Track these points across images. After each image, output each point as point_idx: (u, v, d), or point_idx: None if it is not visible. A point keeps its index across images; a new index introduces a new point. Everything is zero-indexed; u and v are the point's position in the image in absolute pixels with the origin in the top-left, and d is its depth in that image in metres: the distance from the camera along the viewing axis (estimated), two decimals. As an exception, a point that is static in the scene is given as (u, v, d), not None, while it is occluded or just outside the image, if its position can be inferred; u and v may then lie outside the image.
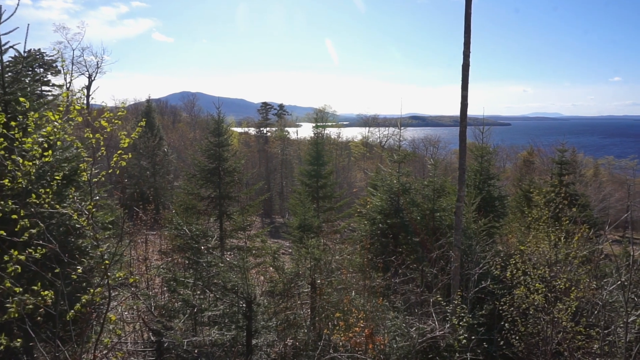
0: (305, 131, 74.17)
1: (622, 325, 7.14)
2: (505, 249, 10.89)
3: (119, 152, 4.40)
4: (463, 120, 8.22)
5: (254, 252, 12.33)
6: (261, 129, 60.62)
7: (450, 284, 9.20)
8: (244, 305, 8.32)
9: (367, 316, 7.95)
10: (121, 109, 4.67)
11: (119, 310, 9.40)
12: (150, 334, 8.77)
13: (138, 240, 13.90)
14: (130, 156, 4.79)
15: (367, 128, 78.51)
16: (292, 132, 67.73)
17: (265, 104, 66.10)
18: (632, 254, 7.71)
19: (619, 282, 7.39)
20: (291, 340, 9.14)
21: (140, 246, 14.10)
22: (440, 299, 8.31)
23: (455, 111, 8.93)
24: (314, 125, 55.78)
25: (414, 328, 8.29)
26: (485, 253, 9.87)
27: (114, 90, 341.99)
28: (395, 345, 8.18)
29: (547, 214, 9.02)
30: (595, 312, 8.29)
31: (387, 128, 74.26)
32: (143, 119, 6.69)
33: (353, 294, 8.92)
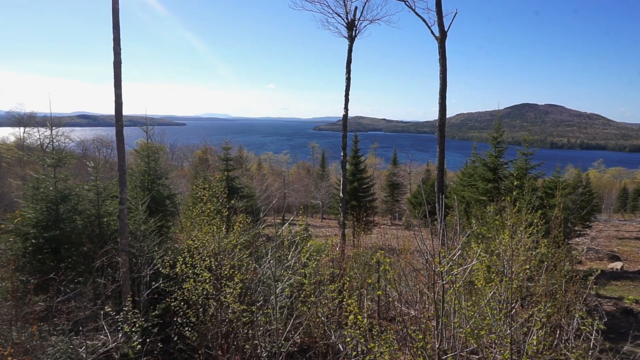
0: None
1: (274, 295, 8.36)
2: (175, 246, 11.13)
3: None
4: (119, 119, 7.86)
5: None
6: None
7: (122, 290, 8.77)
8: None
9: (18, 350, 6.76)
10: None
11: None
12: None
13: None
14: None
15: (23, 128, 66.79)
16: None
17: None
18: (278, 233, 9.11)
19: (270, 260, 8.60)
20: None
21: None
22: (109, 309, 7.83)
23: (132, 110, 8.54)
24: None
25: (83, 347, 7.58)
26: (156, 253, 9.81)
27: None
28: (60, 373, 7.28)
29: (211, 207, 9.62)
30: (257, 289, 9.41)
31: (47, 128, 65.00)
32: None
33: (-3, 327, 7.41)
